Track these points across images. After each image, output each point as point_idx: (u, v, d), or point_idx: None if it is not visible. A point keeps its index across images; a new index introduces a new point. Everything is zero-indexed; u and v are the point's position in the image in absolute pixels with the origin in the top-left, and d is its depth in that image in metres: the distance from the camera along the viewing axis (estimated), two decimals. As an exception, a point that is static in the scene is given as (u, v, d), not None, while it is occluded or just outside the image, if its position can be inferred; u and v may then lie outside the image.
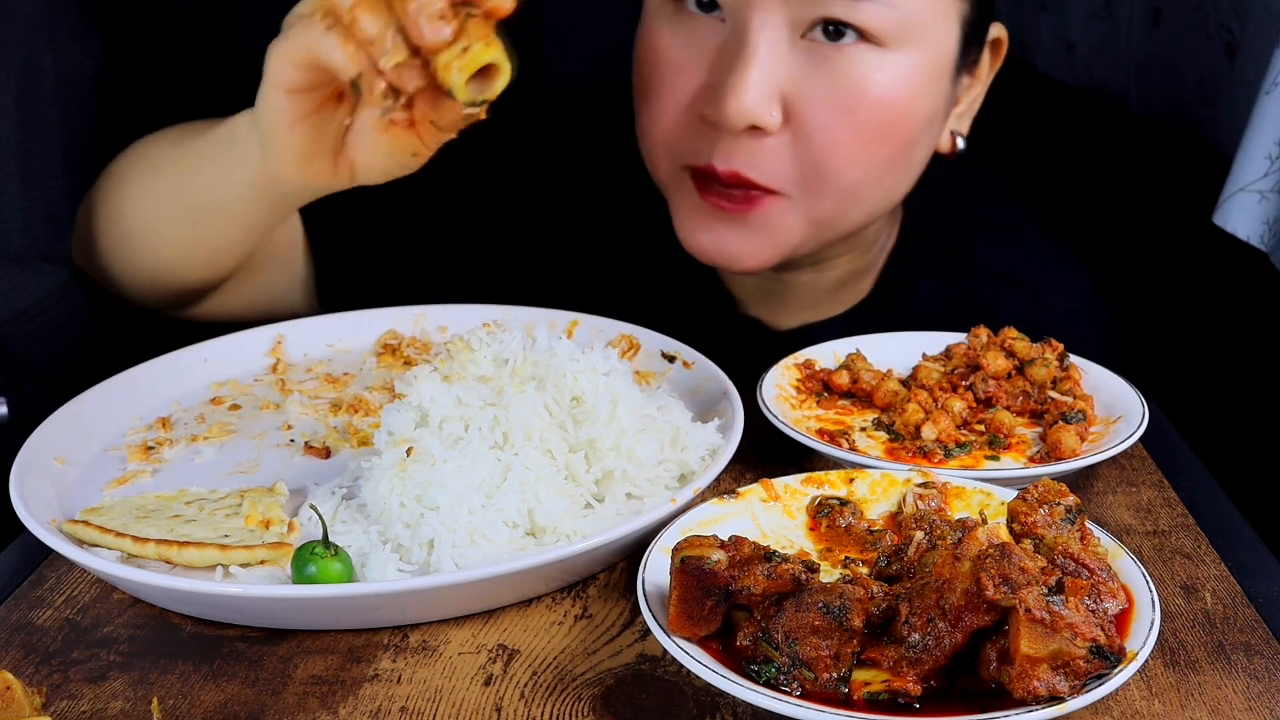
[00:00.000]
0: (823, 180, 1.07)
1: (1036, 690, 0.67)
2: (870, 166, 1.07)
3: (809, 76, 1.03)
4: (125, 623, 0.84)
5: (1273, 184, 1.29)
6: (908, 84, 1.05)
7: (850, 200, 1.09)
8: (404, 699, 0.76)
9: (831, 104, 1.03)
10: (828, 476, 0.91)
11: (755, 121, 1.02)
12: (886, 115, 1.05)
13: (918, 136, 1.09)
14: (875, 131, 1.05)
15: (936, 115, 1.11)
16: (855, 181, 1.08)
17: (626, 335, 1.15)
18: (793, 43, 1.03)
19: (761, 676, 0.71)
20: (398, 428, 0.90)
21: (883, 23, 1.02)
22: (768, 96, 1.02)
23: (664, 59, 1.08)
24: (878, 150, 1.07)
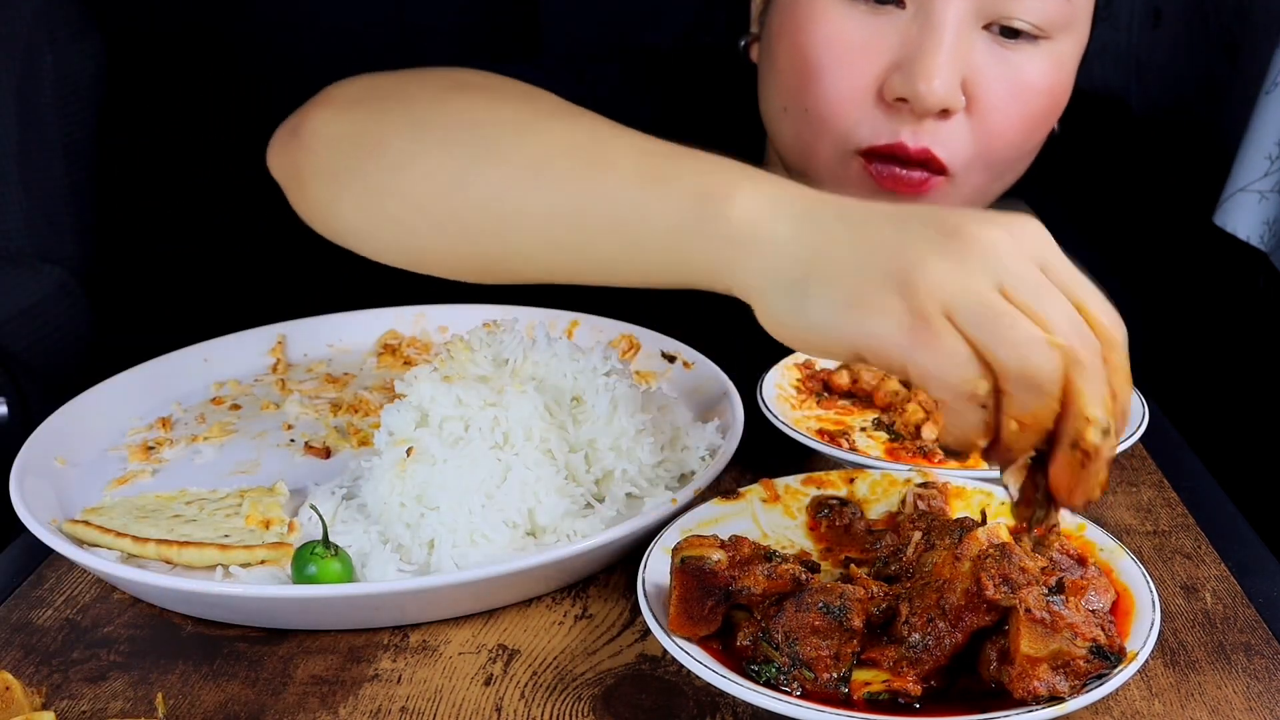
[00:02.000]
0: (987, 160, 1.10)
1: (1036, 690, 0.67)
2: (1025, 148, 1.12)
3: (987, 63, 1.07)
4: (125, 623, 0.84)
5: (1273, 184, 1.29)
6: (1067, 71, 1.10)
7: (996, 178, 1.13)
8: (404, 699, 0.76)
9: (1006, 90, 1.07)
10: (828, 476, 0.91)
11: (948, 104, 1.05)
12: (1051, 101, 1.10)
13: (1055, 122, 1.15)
14: (1040, 117, 1.10)
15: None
16: (1009, 161, 1.12)
17: (626, 335, 1.15)
18: (975, 32, 1.06)
19: (761, 676, 0.71)
20: (398, 428, 0.90)
21: (1057, 17, 1.06)
22: (956, 79, 1.06)
23: (841, 42, 1.08)
24: (1036, 135, 1.12)
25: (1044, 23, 1.06)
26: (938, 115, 1.06)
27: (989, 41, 1.06)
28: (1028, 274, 0.69)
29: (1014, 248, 0.70)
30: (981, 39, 1.06)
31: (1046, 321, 0.68)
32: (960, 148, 1.08)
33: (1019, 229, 0.72)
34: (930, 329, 0.67)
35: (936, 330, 0.67)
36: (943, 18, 1.04)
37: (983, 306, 0.67)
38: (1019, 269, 0.69)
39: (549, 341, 0.96)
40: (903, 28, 1.06)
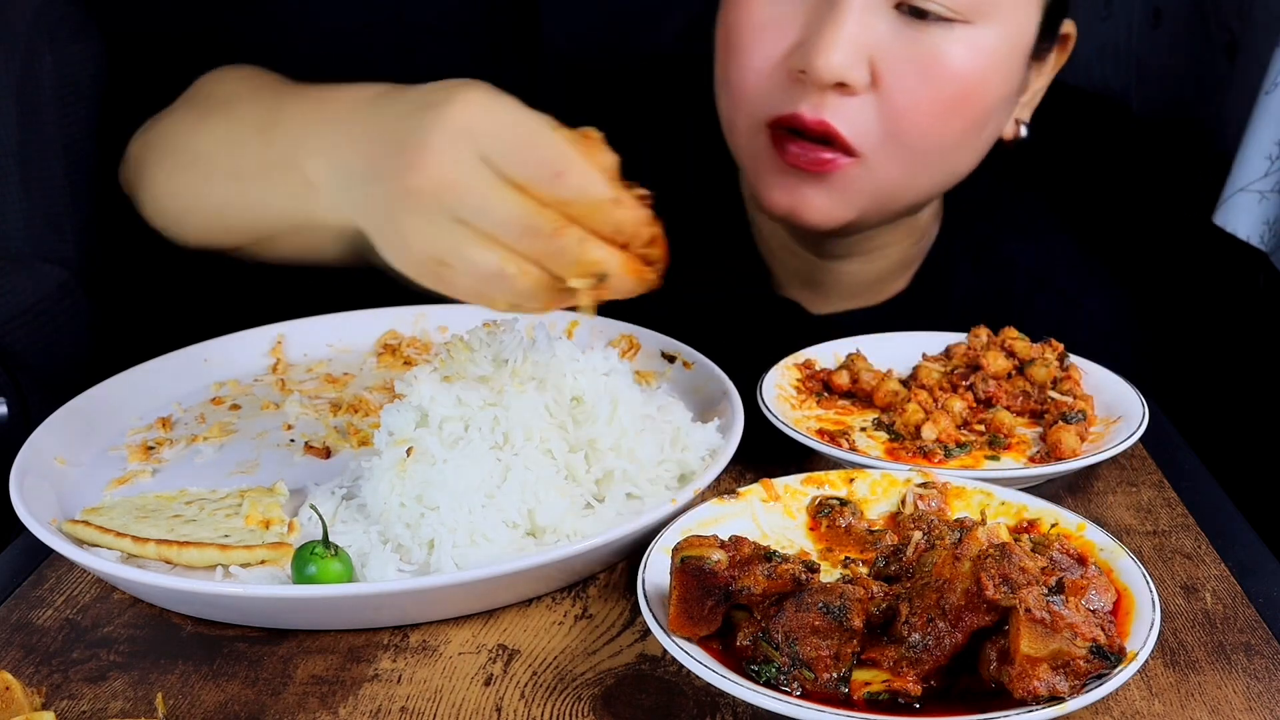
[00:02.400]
0: (898, 144, 1.09)
1: (1036, 690, 0.67)
2: (944, 136, 1.11)
3: (896, 43, 1.06)
4: (125, 623, 0.84)
5: (1273, 184, 1.29)
6: (987, 58, 1.08)
7: (920, 167, 1.12)
8: (404, 699, 0.76)
9: (915, 71, 1.07)
10: (828, 476, 0.91)
11: (844, 77, 1.05)
12: (964, 87, 1.08)
13: (990, 114, 1.12)
14: (952, 102, 1.08)
15: (1008, 96, 1.14)
16: (928, 149, 1.11)
17: (626, 335, 1.15)
18: (884, 10, 1.06)
19: (761, 676, 0.71)
20: (398, 428, 0.90)
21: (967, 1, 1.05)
22: (857, 55, 1.06)
23: (755, 17, 1.11)
24: (954, 120, 1.10)
25: (954, 5, 1.05)
26: (839, 90, 1.07)
27: (899, 22, 1.06)
28: (477, 201, 0.81)
29: (460, 172, 0.82)
30: (891, 18, 1.06)
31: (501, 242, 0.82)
32: (865, 126, 1.08)
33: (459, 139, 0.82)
34: (439, 278, 0.85)
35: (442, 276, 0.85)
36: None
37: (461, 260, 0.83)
38: (469, 201, 0.82)
39: (549, 341, 0.96)
40: (813, 5, 1.07)
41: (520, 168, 0.82)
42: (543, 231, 0.81)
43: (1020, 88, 1.16)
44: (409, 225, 0.85)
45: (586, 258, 0.82)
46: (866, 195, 1.12)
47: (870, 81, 1.07)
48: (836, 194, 1.12)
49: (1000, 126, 1.18)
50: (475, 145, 0.82)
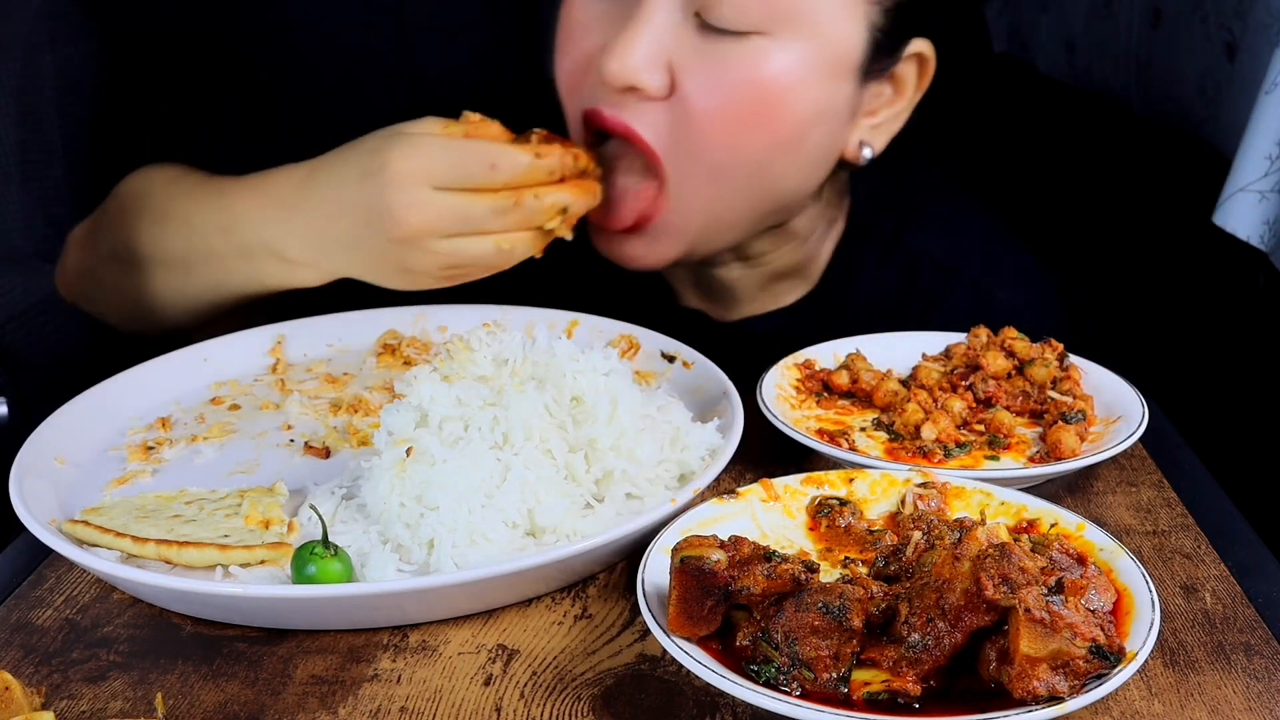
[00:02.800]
0: (698, 155, 1.08)
1: (1036, 690, 0.67)
2: (747, 150, 1.09)
3: (695, 51, 1.06)
4: (125, 623, 0.84)
5: (1273, 184, 1.29)
6: (792, 72, 1.06)
7: (726, 184, 1.10)
8: (404, 699, 0.76)
9: (710, 80, 1.06)
10: (828, 476, 0.91)
11: (634, 81, 1.06)
12: (763, 99, 1.07)
13: (804, 128, 1.10)
14: (751, 113, 1.07)
15: (832, 112, 1.11)
16: (729, 164, 1.09)
17: (626, 335, 1.15)
18: (685, 18, 1.06)
19: (761, 676, 0.71)
20: (398, 428, 0.90)
21: (765, 9, 1.04)
22: (651, 61, 1.06)
23: (574, 20, 1.13)
24: (755, 133, 1.08)
25: (742, 15, 1.04)
26: (635, 95, 1.07)
27: (698, 31, 1.06)
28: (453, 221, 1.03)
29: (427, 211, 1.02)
30: (691, 27, 1.06)
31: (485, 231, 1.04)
32: (659, 132, 1.08)
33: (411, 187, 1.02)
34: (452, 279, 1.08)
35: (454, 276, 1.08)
36: (645, 1, 1.06)
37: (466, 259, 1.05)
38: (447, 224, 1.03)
39: (549, 341, 0.96)
40: (624, 6, 1.08)
41: (466, 177, 1.02)
42: (508, 208, 1.03)
43: (849, 106, 1.12)
44: (411, 261, 1.05)
45: (547, 205, 1.04)
46: (685, 231, 1.12)
47: (668, 88, 1.07)
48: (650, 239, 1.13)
49: (832, 144, 1.14)
50: (425, 183, 1.02)
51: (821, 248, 1.27)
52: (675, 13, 1.06)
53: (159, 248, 1.19)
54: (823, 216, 1.25)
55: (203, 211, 1.17)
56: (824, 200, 1.24)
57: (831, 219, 1.27)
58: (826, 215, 1.26)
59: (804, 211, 1.22)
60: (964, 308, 1.20)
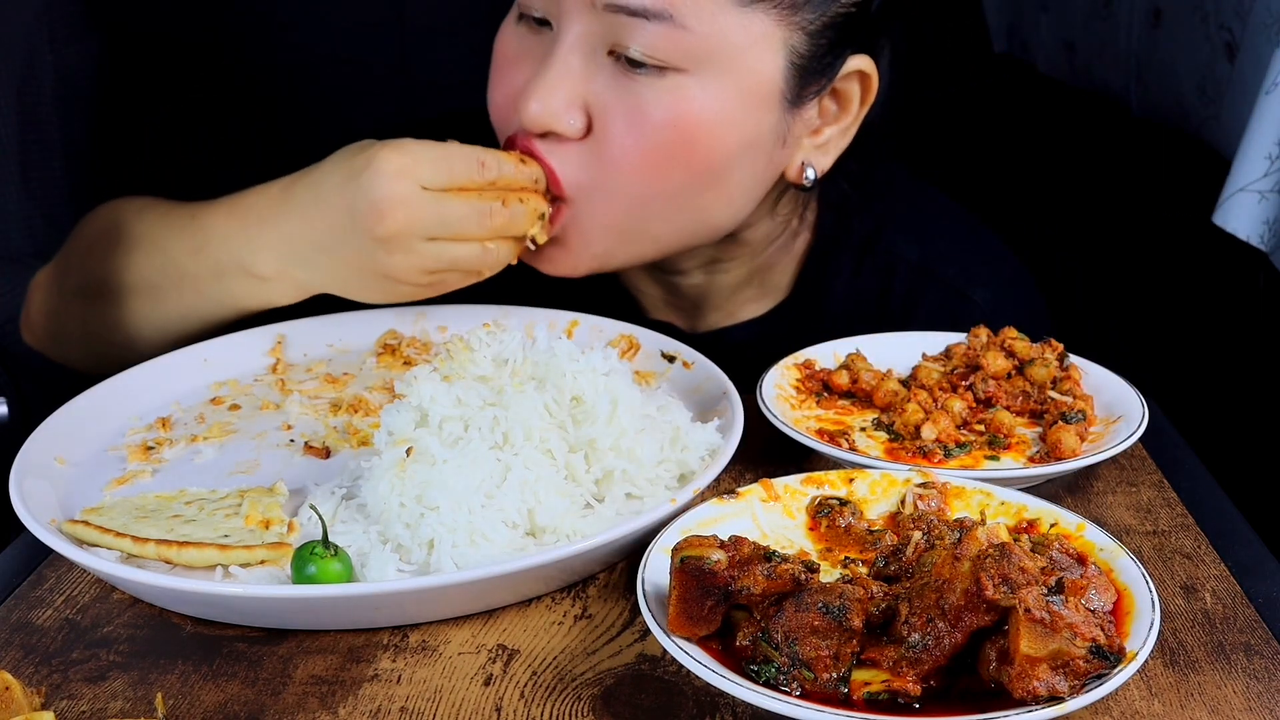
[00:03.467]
0: (610, 191, 1.08)
1: (1036, 690, 0.67)
2: (665, 184, 1.08)
3: (610, 90, 1.06)
4: (125, 623, 0.84)
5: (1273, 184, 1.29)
6: (708, 108, 1.06)
7: (647, 213, 1.10)
8: (404, 699, 0.76)
9: (625, 120, 1.06)
10: (828, 476, 0.91)
11: (550, 126, 1.06)
12: (680, 136, 1.06)
13: (726, 162, 1.09)
14: (668, 151, 1.06)
15: (758, 143, 1.10)
16: (647, 196, 1.09)
17: (626, 335, 1.15)
18: (599, 58, 1.06)
19: (761, 676, 0.71)
20: (398, 428, 0.90)
21: (678, 48, 1.03)
22: (567, 103, 1.06)
23: (502, 55, 1.13)
24: (673, 170, 1.08)
25: (655, 54, 1.03)
26: (551, 138, 1.07)
27: (615, 70, 1.06)
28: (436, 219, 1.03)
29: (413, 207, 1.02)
30: (608, 66, 1.06)
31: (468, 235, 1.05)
32: (573, 171, 1.08)
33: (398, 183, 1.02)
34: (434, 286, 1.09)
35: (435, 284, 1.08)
36: (560, 42, 1.06)
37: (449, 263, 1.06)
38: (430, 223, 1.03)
39: (549, 341, 0.96)
40: (544, 47, 1.08)
41: (453, 176, 1.03)
42: (495, 210, 1.04)
43: (776, 134, 1.11)
44: (391, 265, 1.04)
45: (531, 208, 1.06)
46: (596, 238, 1.12)
47: (585, 128, 1.07)
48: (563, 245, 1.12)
49: (761, 173, 1.13)
50: (412, 180, 1.01)
51: (785, 255, 1.27)
52: (590, 53, 1.06)
53: (130, 275, 1.19)
54: (784, 227, 1.25)
55: (174, 234, 1.17)
56: (782, 210, 1.23)
57: (794, 229, 1.26)
58: (787, 225, 1.25)
59: (757, 225, 1.21)
60: (941, 310, 1.20)
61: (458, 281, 1.08)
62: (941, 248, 1.27)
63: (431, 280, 1.07)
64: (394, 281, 1.06)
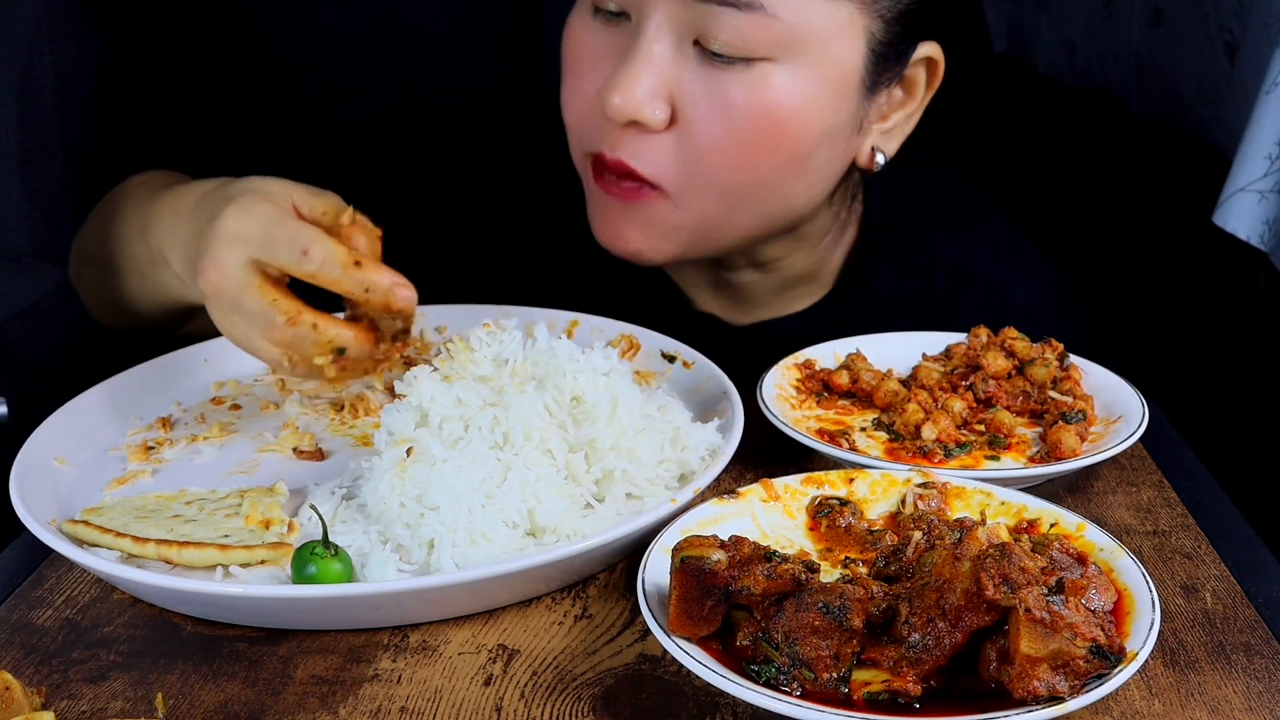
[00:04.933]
0: (702, 182, 1.08)
1: (1036, 690, 0.67)
2: (754, 174, 1.08)
3: (696, 80, 1.05)
4: (125, 623, 0.84)
5: (1273, 184, 1.29)
6: (796, 96, 1.06)
7: (734, 204, 1.10)
8: (404, 699, 0.76)
9: (714, 109, 1.05)
10: (828, 476, 0.91)
11: (636, 116, 1.05)
12: (769, 125, 1.06)
13: (811, 148, 1.09)
14: (756, 140, 1.06)
15: (839, 129, 1.10)
16: (736, 186, 1.09)
17: (626, 335, 1.15)
18: (684, 48, 1.05)
19: (761, 676, 0.71)
20: (398, 428, 0.90)
21: (767, 36, 1.03)
22: (652, 94, 1.05)
23: (578, 51, 1.12)
24: (761, 159, 1.08)
25: (743, 43, 1.03)
26: (637, 129, 1.06)
27: (700, 60, 1.05)
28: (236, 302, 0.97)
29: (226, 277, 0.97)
30: (693, 57, 1.05)
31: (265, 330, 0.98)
32: (663, 164, 1.07)
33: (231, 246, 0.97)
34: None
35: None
36: (644, 33, 1.05)
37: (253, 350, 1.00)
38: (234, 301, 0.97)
39: (549, 341, 0.96)
40: (624, 40, 1.07)
41: (275, 257, 0.96)
42: (277, 322, 0.96)
43: (854, 120, 1.12)
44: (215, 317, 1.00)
45: (322, 338, 0.97)
46: (684, 230, 1.12)
47: (670, 119, 1.06)
48: (651, 229, 1.11)
49: (842, 156, 1.14)
50: (245, 249, 0.96)
51: (835, 251, 1.27)
52: (674, 42, 1.05)
53: (107, 249, 1.20)
54: (835, 220, 1.25)
55: (134, 212, 1.17)
56: (836, 204, 1.23)
57: (844, 222, 1.26)
58: (839, 219, 1.25)
59: (817, 217, 1.22)
60: (982, 310, 1.20)
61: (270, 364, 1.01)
62: (983, 248, 1.28)
63: (244, 348, 1.01)
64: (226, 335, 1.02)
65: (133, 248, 1.16)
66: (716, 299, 1.30)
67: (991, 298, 1.24)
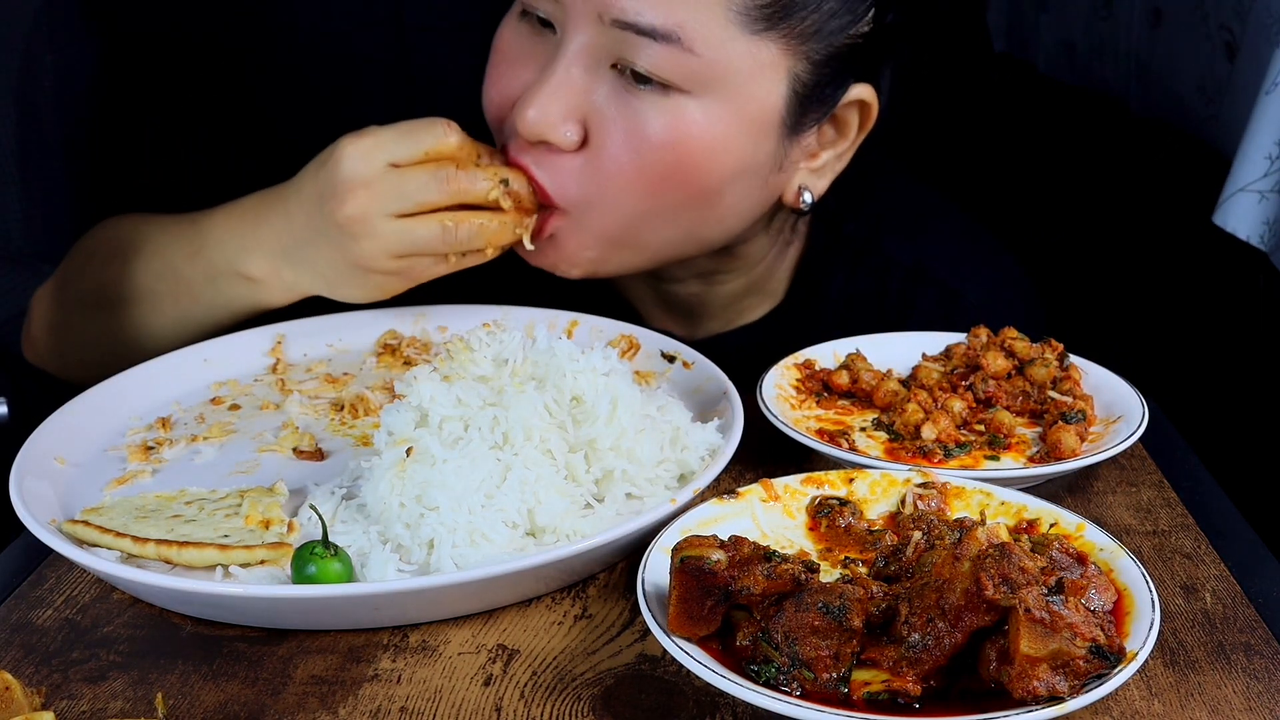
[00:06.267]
0: (603, 205, 1.08)
1: (1036, 690, 0.67)
2: (658, 202, 1.07)
3: (610, 105, 1.05)
4: (125, 623, 0.84)
5: (1273, 184, 1.29)
6: (708, 132, 1.05)
7: (641, 228, 1.10)
8: (404, 699, 0.76)
9: (626, 136, 1.05)
10: (828, 476, 0.91)
11: (547, 136, 1.05)
12: (679, 158, 1.05)
13: (721, 184, 1.08)
14: (665, 171, 1.06)
15: (755, 167, 1.10)
16: (641, 214, 1.08)
17: (626, 335, 1.15)
18: (600, 70, 1.05)
19: (761, 676, 0.71)
20: (398, 428, 0.90)
21: (683, 70, 1.02)
22: (564, 114, 1.05)
23: (502, 52, 1.12)
24: (668, 189, 1.07)
25: (661, 71, 1.02)
26: (545, 147, 1.06)
27: (618, 84, 1.04)
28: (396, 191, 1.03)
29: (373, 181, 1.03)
30: (610, 80, 1.05)
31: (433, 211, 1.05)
32: (567, 183, 1.07)
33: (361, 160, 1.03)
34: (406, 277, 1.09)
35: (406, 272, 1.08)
36: (562, 51, 1.05)
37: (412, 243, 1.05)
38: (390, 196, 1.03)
39: (549, 341, 0.96)
40: (547, 52, 1.07)
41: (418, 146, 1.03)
42: (453, 174, 1.03)
43: (773, 160, 1.11)
44: (359, 252, 1.04)
45: (492, 172, 1.04)
46: (589, 246, 1.11)
47: (581, 141, 1.06)
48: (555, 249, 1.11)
49: (757, 197, 1.13)
50: (375, 159, 1.02)
51: (780, 264, 1.27)
52: (593, 65, 1.04)
53: (129, 283, 1.19)
54: (775, 241, 1.25)
55: (173, 239, 1.18)
56: (775, 228, 1.23)
57: (787, 238, 1.26)
58: (780, 237, 1.25)
59: (753, 240, 1.21)
60: (934, 311, 1.20)
61: (427, 268, 1.07)
62: (934, 248, 1.27)
63: (399, 266, 1.06)
64: (365, 271, 1.07)
65: (182, 272, 1.17)
66: (668, 315, 1.30)
67: (943, 297, 1.23)
